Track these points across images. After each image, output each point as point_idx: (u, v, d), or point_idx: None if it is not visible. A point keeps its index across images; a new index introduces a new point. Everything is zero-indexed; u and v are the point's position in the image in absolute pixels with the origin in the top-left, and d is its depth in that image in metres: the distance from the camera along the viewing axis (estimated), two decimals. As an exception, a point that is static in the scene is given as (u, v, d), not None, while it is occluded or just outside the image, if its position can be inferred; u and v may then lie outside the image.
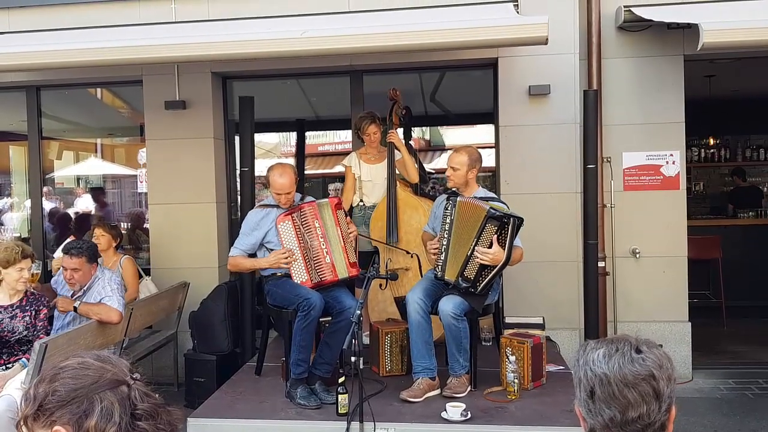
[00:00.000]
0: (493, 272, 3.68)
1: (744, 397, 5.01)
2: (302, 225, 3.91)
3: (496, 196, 4.24)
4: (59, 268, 4.45)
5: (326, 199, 4.09)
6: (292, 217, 3.89)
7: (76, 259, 4.07)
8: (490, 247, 3.62)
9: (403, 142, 4.96)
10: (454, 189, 3.99)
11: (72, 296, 4.20)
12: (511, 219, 3.64)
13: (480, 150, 4.14)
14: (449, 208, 3.85)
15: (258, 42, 4.28)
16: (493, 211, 3.63)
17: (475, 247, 3.65)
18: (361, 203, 4.84)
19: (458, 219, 3.80)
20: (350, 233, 4.03)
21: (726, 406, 4.82)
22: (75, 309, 4.03)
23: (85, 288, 4.20)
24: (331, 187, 7.28)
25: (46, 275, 5.69)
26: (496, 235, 3.63)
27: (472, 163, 3.90)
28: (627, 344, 1.31)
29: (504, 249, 3.62)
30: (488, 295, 3.87)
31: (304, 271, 3.87)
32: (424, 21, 4.51)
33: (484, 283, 3.70)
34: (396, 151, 4.75)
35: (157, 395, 1.19)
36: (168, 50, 4.43)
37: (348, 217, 4.17)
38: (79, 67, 4.75)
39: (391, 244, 4.62)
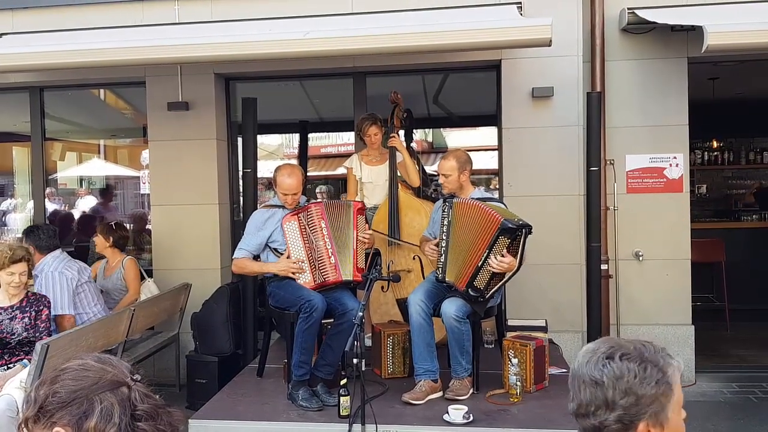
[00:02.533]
0: (504, 280, 3.68)
1: (748, 400, 4.99)
2: (308, 225, 3.91)
3: (492, 196, 4.23)
4: None
5: (351, 201, 4.12)
6: (298, 217, 3.90)
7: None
8: (502, 256, 3.59)
9: (405, 145, 4.95)
10: (451, 193, 3.98)
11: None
12: (523, 231, 3.60)
13: (483, 152, 4.14)
14: (446, 210, 3.87)
15: (261, 43, 4.29)
16: (506, 223, 3.54)
17: (488, 258, 3.61)
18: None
19: (456, 221, 3.81)
20: (365, 239, 4.02)
21: (729, 409, 4.80)
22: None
23: (35, 272, 4.23)
24: (318, 190, 7.29)
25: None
26: (508, 246, 3.60)
27: (461, 166, 3.89)
28: (607, 348, 1.39)
29: (516, 258, 3.61)
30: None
31: (309, 272, 3.87)
32: (428, 22, 4.51)
33: (493, 290, 3.70)
34: (397, 153, 4.75)
35: (157, 396, 1.19)
36: (171, 51, 4.43)
37: (367, 224, 4.16)
38: (83, 68, 4.76)
39: (395, 238, 4.61)
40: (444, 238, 3.85)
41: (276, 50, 4.24)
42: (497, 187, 5.54)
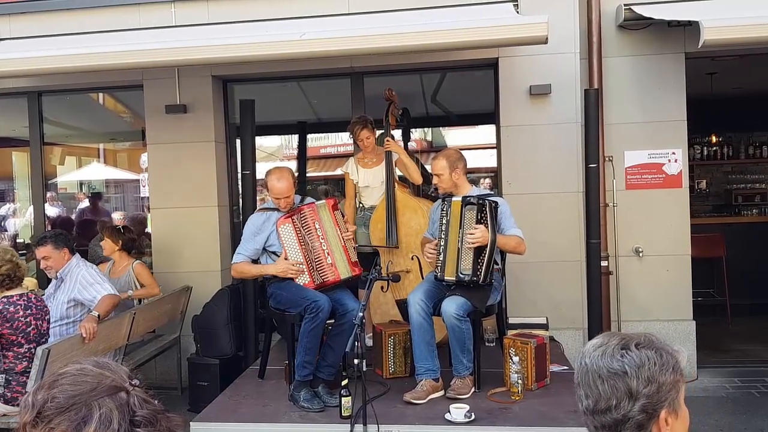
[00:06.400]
0: (487, 256, 3.69)
1: (750, 395, 4.99)
2: (302, 227, 3.90)
3: (491, 193, 4.24)
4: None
5: (323, 201, 4.08)
6: (292, 219, 3.89)
7: (42, 248, 4.21)
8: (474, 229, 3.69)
9: (402, 144, 4.94)
10: (448, 192, 3.99)
11: (54, 290, 4.26)
12: (487, 201, 3.71)
13: (482, 150, 4.15)
14: (445, 209, 3.89)
15: (258, 45, 4.29)
16: (467, 198, 3.73)
17: (463, 237, 3.70)
18: (360, 204, 4.85)
19: (452, 218, 3.83)
20: (349, 233, 4.03)
21: (732, 404, 4.80)
22: (99, 318, 4.00)
23: (61, 274, 4.22)
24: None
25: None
26: (476, 219, 3.70)
27: (452, 165, 3.90)
28: (618, 340, 1.39)
29: (488, 228, 3.65)
30: (490, 294, 3.87)
31: (307, 273, 3.86)
32: (424, 22, 4.51)
33: (483, 269, 3.70)
34: (394, 154, 4.74)
35: (156, 401, 1.18)
36: (168, 54, 4.43)
37: (345, 217, 4.17)
38: (80, 72, 4.76)
39: (391, 246, 4.61)
40: (442, 237, 3.87)
41: (273, 51, 4.24)
42: (495, 185, 5.53)
